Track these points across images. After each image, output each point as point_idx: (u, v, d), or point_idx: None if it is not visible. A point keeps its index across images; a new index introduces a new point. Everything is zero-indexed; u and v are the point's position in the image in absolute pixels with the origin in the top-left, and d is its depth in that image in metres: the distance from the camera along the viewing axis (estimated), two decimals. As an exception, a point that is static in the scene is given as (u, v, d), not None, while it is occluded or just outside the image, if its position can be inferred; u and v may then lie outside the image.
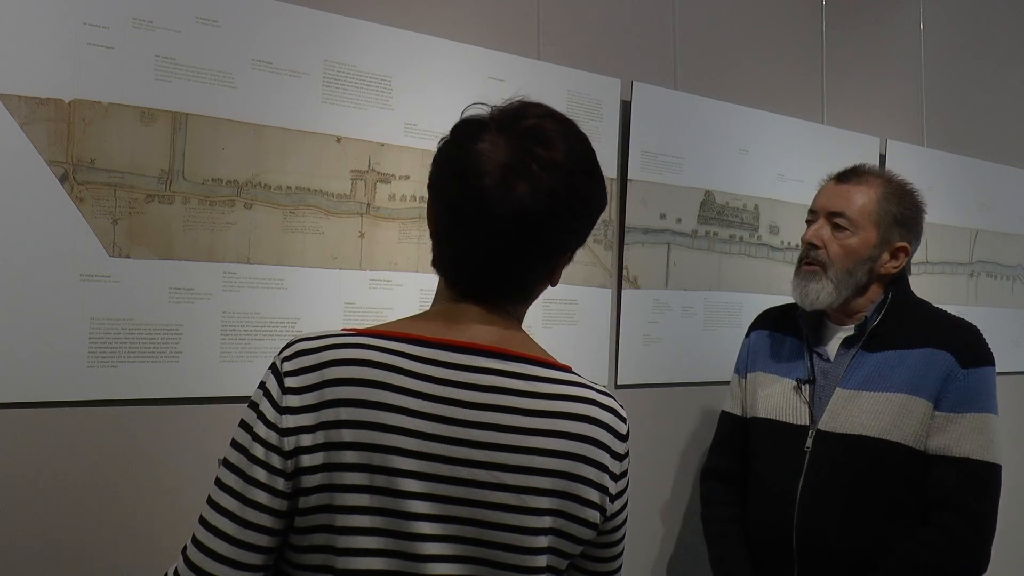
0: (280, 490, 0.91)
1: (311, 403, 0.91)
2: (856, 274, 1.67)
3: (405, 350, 0.94)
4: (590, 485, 0.97)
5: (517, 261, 0.97)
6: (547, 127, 0.96)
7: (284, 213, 1.62)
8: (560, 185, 0.94)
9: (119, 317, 1.46)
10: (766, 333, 1.87)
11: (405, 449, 0.91)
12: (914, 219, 1.71)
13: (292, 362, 0.93)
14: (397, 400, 0.91)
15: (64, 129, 1.42)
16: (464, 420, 0.93)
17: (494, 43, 1.91)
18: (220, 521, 0.91)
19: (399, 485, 0.90)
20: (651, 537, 2.19)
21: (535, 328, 1.94)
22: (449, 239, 0.99)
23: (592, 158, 1.00)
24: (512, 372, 0.96)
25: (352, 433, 0.90)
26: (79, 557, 1.44)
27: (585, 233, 1.01)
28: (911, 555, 1.57)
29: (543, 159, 0.93)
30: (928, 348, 1.62)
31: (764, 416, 1.77)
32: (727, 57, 2.35)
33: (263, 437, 0.91)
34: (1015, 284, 3.04)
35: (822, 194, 1.76)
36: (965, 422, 1.58)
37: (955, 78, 2.97)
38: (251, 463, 0.91)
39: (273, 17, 1.62)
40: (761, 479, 1.76)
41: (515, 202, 0.92)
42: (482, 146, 0.94)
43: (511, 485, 0.93)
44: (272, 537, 0.92)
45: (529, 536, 0.94)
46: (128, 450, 1.48)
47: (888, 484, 1.60)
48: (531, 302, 1.05)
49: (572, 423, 0.96)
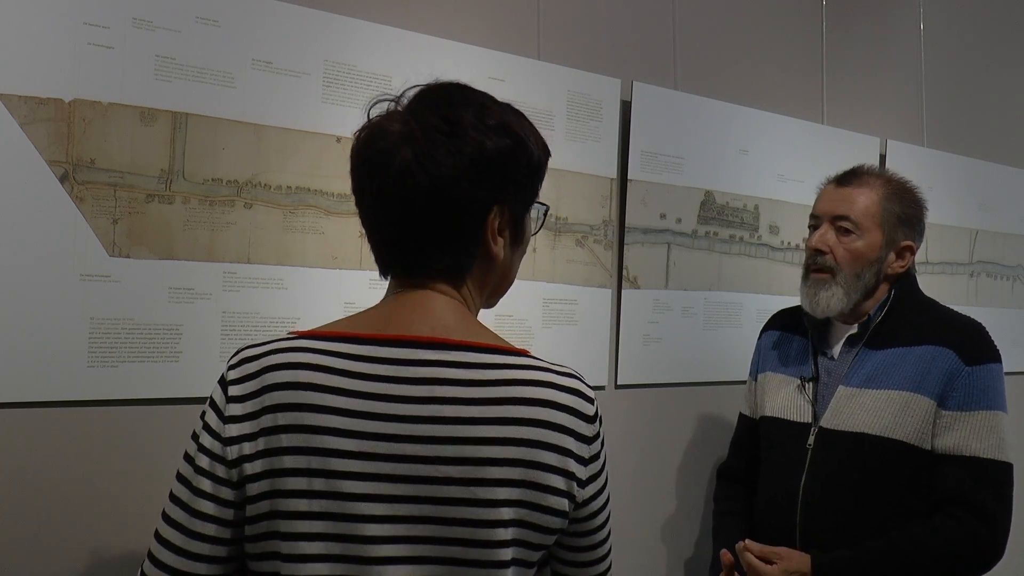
0: (227, 500, 0.90)
1: (252, 410, 0.90)
2: (864, 276, 1.66)
3: (341, 349, 0.92)
4: (552, 472, 0.93)
5: (429, 227, 0.94)
6: (437, 94, 0.98)
7: (284, 213, 1.62)
8: (449, 144, 0.92)
9: (119, 317, 1.46)
10: (775, 335, 1.88)
11: (344, 450, 0.89)
12: (917, 217, 1.71)
13: (236, 370, 0.93)
14: (333, 401, 0.89)
15: (64, 129, 1.42)
16: (404, 415, 0.90)
17: (494, 43, 1.91)
18: (169, 533, 0.91)
19: (341, 488, 0.88)
20: (651, 537, 2.18)
21: (534, 328, 1.94)
22: (368, 224, 0.99)
23: (499, 114, 0.97)
24: (452, 362, 0.93)
25: (290, 438, 0.89)
26: (79, 557, 1.44)
27: (504, 191, 0.96)
28: (921, 535, 1.55)
29: (430, 123, 0.93)
30: (931, 345, 1.61)
31: (771, 415, 1.78)
32: (727, 57, 2.35)
33: (208, 447, 0.91)
34: (1015, 284, 3.04)
35: (823, 198, 1.74)
36: (973, 420, 1.56)
37: (955, 78, 2.97)
38: (197, 474, 0.91)
39: (273, 17, 1.62)
40: (767, 477, 1.77)
41: (401, 165, 0.92)
42: (380, 121, 0.96)
43: (458, 478, 0.90)
44: (222, 547, 0.91)
45: (486, 529, 0.91)
46: (128, 450, 1.48)
47: (890, 481, 1.59)
48: (482, 283, 1.01)
49: (526, 408, 0.93)
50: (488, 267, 1.00)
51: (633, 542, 2.15)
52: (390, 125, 0.95)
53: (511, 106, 1.01)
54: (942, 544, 1.54)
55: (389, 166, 0.93)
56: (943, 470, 1.57)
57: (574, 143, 2.02)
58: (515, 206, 0.99)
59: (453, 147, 0.92)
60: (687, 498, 2.25)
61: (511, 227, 0.99)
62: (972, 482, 1.55)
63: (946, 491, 1.56)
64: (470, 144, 0.93)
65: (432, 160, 0.92)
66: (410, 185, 0.92)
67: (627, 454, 2.13)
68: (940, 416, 1.58)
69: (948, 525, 1.55)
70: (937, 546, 1.54)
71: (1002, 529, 1.55)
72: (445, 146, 0.92)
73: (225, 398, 0.92)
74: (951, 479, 1.56)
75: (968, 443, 1.56)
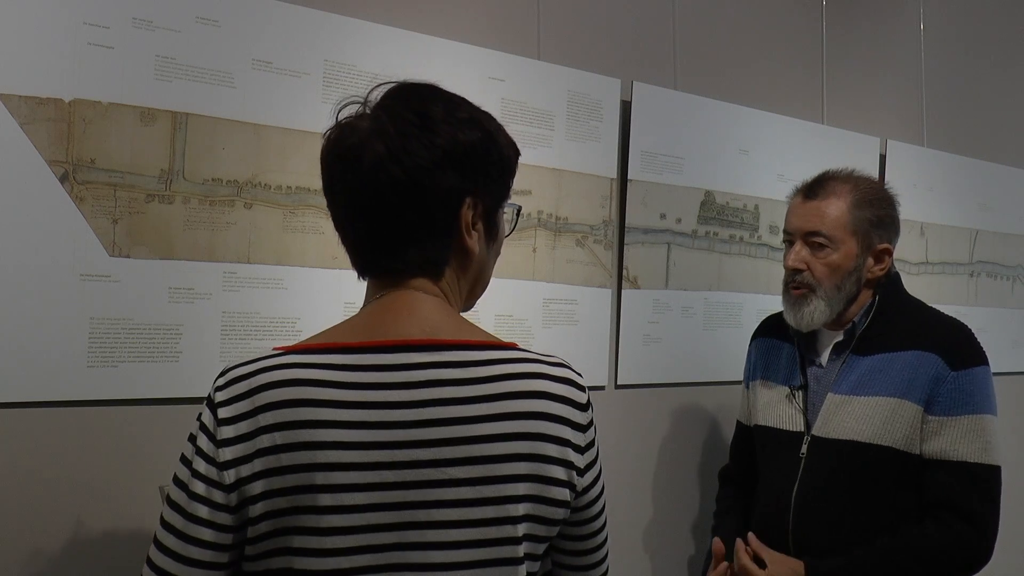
0: (225, 524, 0.89)
1: (246, 431, 0.88)
2: (845, 287, 1.65)
3: (332, 361, 0.91)
4: (555, 463, 0.94)
5: (403, 220, 0.94)
6: (407, 92, 0.98)
7: (284, 213, 1.62)
8: (422, 136, 0.92)
9: (119, 317, 1.46)
10: (765, 341, 1.88)
11: (347, 463, 0.88)
12: (890, 217, 1.69)
13: (224, 392, 0.91)
14: (330, 415, 0.88)
15: (64, 129, 1.42)
16: (403, 421, 0.89)
17: (494, 43, 1.91)
18: (163, 561, 0.90)
19: (347, 501, 0.87)
20: (651, 536, 2.18)
21: (535, 328, 1.94)
22: (340, 223, 0.99)
23: (468, 109, 0.98)
24: (446, 362, 0.92)
25: (290, 456, 0.87)
26: (78, 557, 1.44)
27: (476, 183, 0.96)
28: (911, 540, 1.56)
29: (402, 117, 0.93)
30: (917, 350, 1.60)
31: (763, 424, 1.79)
32: (727, 57, 2.35)
33: (203, 473, 0.89)
34: (1015, 284, 3.04)
35: (793, 214, 1.72)
36: (960, 425, 1.56)
37: (955, 78, 2.97)
38: (192, 500, 0.89)
39: (273, 17, 1.62)
40: (763, 486, 1.78)
41: (373, 159, 0.92)
42: (349, 120, 0.96)
43: (464, 479, 0.89)
44: (219, 571, 0.90)
45: (497, 527, 0.90)
46: (128, 450, 1.48)
47: (881, 488, 1.60)
48: (460, 279, 1.00)
49: (523, 402, 0.93)
50: (464, 262, 1.00)
51: (633, 541, 2.15)
52: (359, 123, 0.95)
53: (478, 106, 1.01)
54: (932, 548, 1.55)
55: (360, 161, 0.93)
56: (932, 475, 1.57)
57: (574, 143, 2.02)
58: (487, 199, 0.99)
59: (427, 140, 0.93)
60: (687, 498, 2.25)
61: (484, 221, 0.99)
62: (960, 487, 1.55)
63: (935, 496, 1.57)
64: (442, 136, 0.93)
65: (406, 153, 0.92)
66: (383, 179, 0.92)
67: (627, 454, 2.13)
68: (927, 421, 1.58)
69: (938, 529, 1.55)
70: (927, 549, 1.55)
71: (991, 532, 1.56)
72: (418, 139, 0.92)
73: (216, 421, 0.89)
74: (940, 484, 1.56)
75: (956, 448, 1.56)
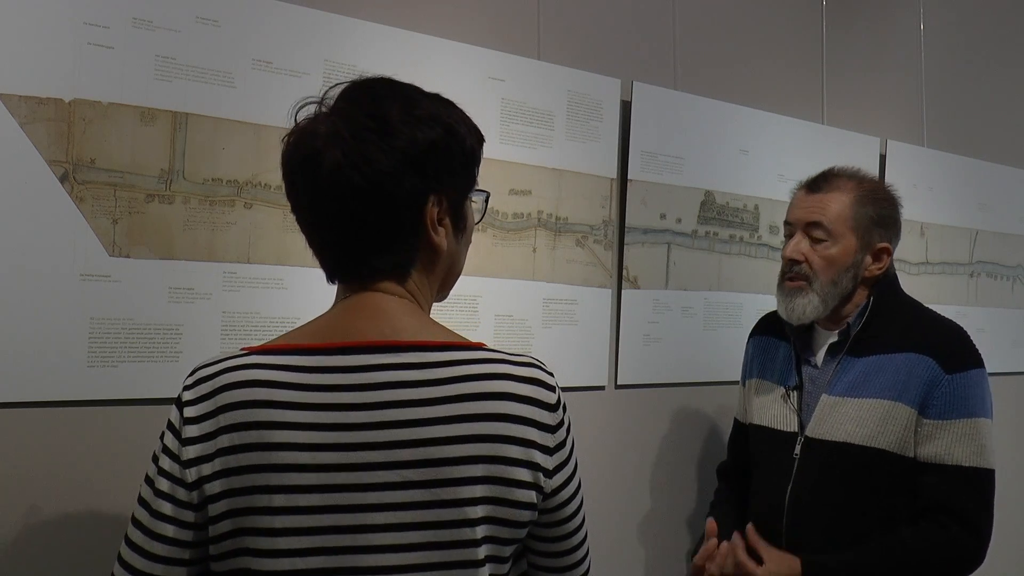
0: (188, 522, 0.90)
1: (209, 431, 0.89)
2: (841, 283, 1.65)
3: (291, 362, 0.91)
4: (517, 465, 0.92)
5: (367, 225, 0.93)
6: (361, 92, 0.97)
7: (284, 213, 1.62)
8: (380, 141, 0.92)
9: (119, 317, 1.46)
10: (762, 339, 1.88)
11: (300, 464, 0.88)
12: (892, 217, 1.69)
13: (191, 391, 0.92)
14: (286, 416, 0.88)
15: (64, 129, 1.42)
16: (357, 423, 0.89)
17: (494, 43, 1.91)
18: (131, 556, 0.92)
19: (300, 502, 0.88)
20: (650, 536, 2.18)
21: (534, 328, 1.94)
22: (305, 228, 0.99)
23: (427, 105, 0.97)
24: (405, 363, 0.91)
25: (247, 456, 0.88)
26: (78, 557, 1.44)
27: (439, 181, 0.95)
28: (907, 541, 1.56)
29: (358, 122, 0.92)
30: (911, 353, 1.60)
31: (758, 423, 1.79)
32: (727, 57, 2.35)
33: (167, 470, 0.91)
34: (1015, 284, 3.04)
35: (795, 205, 1.72)
36: (955, 429, 1.56)
37: (955, 78, 2.97)
38: (157, 497, 0.91)
39: (273, 17, 1.62)
40: (757, 486, 1.78)
41: (331, 166, 0.91)
42: (306, 124, 0.96)
43: (418, 481, 0.89)
44: (182, 568, 0.91)
45: (452, 530, 0.90)
46: (128, 450, 1.48)
47: (874, 491, 1.59)
48: (429, 277, 1.00)
49: (484, 403, 0.91)
50: (433, 259, 0.99)
51: (632, 541, 2.15)
52: (316, 127, 0.94)
53: (439, 96, 1.01)
54: (926, 550, 1.55)
55: (319, 167, 0.92)
56: (926, 479, 1.57)
57: (574, 143, 2.02)
58: (452, 195, 0.98)
59: (385, 144, 0.92)
60: (686, 498, 2.25)
61: (451, 216, 0.99)
62: (955, 490, 1.55)
63: (930, 499, 1.57)
64: (400, 139, 0.93)
65: (364, 159, 0.91)
66: (344, 185, 0.92)
67: (627, 454, 2.13)
68: (922, 425, 1.57)
69: (932, 531, 1.56)
70: (922, 551, 1.55)
71: (985, 535, 1.56)
72: (376, 144, 0.92)
73: (181, 419, 0.91)
74: (934, 487, 1.56)
75: (950, 452, 1.56)
